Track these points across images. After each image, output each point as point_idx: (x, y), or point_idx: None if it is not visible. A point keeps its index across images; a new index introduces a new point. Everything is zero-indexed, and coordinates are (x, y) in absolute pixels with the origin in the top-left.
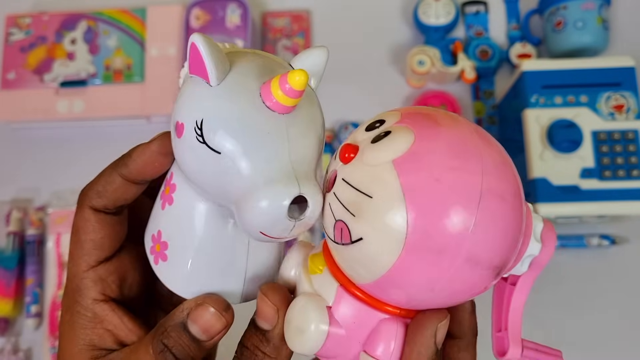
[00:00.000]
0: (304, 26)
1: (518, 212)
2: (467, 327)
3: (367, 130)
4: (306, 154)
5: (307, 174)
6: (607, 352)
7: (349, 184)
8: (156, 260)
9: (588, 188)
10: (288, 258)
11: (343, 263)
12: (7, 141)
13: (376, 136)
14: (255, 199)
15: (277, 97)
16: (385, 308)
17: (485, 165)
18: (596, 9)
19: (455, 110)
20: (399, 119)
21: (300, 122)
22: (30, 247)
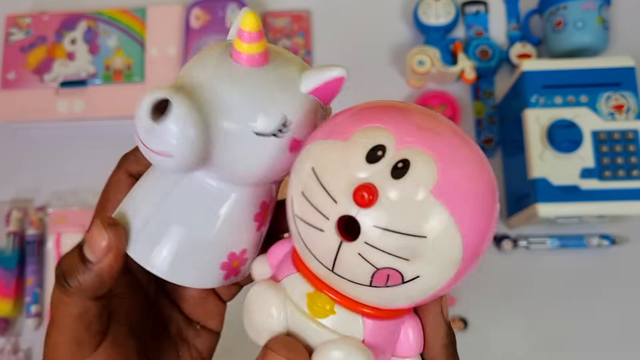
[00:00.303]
0: (304, 26)
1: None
2: (441, 346)
3: (371, 162)
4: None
5: (193, 91)
6: (608, 352)
7: (390, 229)
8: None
9: (588, 188)
10: (266, 305)
11: (372, 299)
12: (7, 141)
13: (394, 169)
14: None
15: (242, 49)
16: (403, 313)
17: (486, 168)
18: (596, 9)
19: (455, 110)
20: (396, 139)
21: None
22: (30, 247)
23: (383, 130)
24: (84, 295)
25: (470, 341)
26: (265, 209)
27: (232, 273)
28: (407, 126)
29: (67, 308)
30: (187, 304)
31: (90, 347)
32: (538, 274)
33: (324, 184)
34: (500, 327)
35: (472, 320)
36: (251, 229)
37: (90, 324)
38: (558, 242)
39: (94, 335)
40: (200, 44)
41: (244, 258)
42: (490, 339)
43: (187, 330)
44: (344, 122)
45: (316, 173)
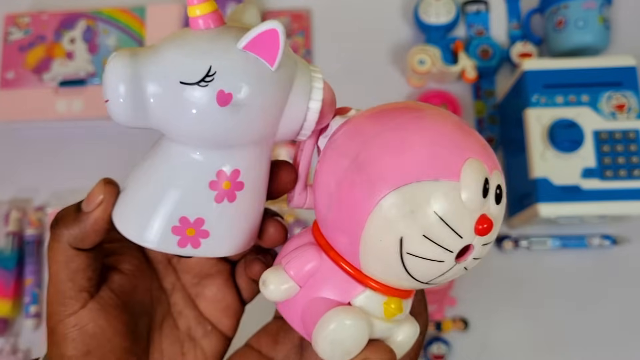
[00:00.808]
0: (304, 25)
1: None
2: (425, 321)
3: (484, 196)
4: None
5: (138, 51)
6: (608, 352)
7: (490, 241)
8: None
9: (589, 188)
10: (360, 332)
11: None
12: (6, 141)
13: (496, 196)
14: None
15: (195, 14)
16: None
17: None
18: (597, 8)
19: (455, 110)
20: (487, 167)
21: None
22: (29, 247)
23: (478, 163)
24: (70, 243)
25: (470, 341)
26: (225, 179)
27: (188, 242)
28: (484, 151)
29: (55, 255)
30: (205, 301)
31: (77, 302)
32: (539, 274)
33: (453, 227)
34: (501, 327)
35: (472, 320)
36: (206, 197)
37: (75, 275)
38: (559, 242)
39: (78, 290)
40: None
41: (201, 230)
42: (491, 339)
43: (197, 328)
44: (442, 156)
45: (442, 217)
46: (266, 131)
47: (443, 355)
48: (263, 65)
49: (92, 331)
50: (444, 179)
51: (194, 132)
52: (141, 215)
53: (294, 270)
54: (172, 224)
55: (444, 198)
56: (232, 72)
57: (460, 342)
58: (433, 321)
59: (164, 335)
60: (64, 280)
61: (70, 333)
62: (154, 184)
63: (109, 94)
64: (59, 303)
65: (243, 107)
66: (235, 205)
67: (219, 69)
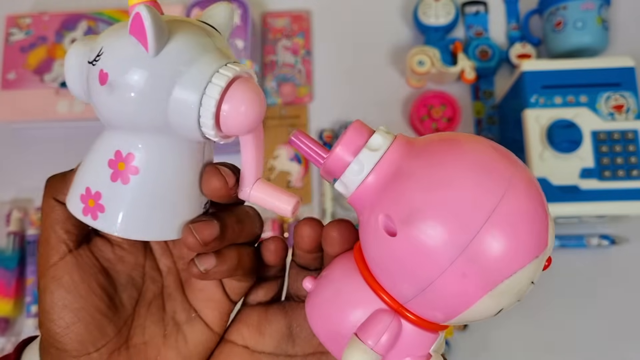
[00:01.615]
0: (304, 26)
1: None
2: None
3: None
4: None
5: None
6: (607, 352)
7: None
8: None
9: (588, 188)
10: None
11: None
12: (8, 141)
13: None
14: None
15: (132, 2)
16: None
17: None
18: (596, 9)
19: (455, 110)
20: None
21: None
22: (30, 247)
23: (549, 235)
24: (50, 195)
25: (470, 341)
26: (120, 160)
27: (89, 211)
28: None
29: (44, 208)
30: (190, 288)
31: (54, 254)
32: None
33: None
34: (500, 327)
35: None
36: (103, 172)
37: (55, 224)
38: (558, 242)
39: (57, 241)
40: None
41: (98, 202)
42: (490, 339)
43: (181, 314)
44: (537, 229)
45: (534, 282)
46: (149, 117)
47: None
48: (141, 50)
49: (67, 285)
50: (542, 254)
51: (94, 109)
52: (67, 180)
53: (382, 349)
54: (80, 192)
55: (538, 269)
56: (112, 53)
57: (459, 342)
58: None
59: (149, 313)
60: (47, 229)
61: (49, 285)
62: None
63: (65, 74)
64: (43, 255)
65: (116, 87)
66: (129, 188)
67: (105, 50)
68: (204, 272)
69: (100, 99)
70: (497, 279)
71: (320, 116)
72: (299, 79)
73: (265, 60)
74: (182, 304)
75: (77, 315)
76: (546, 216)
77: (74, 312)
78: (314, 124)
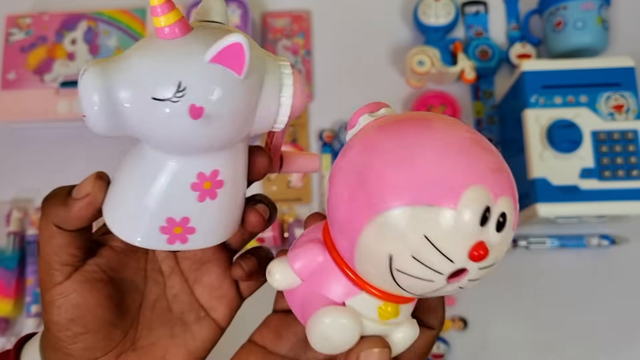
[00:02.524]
0: (304, 26)
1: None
2: (441, 318)
3: (483, 224)
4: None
5: (108, 62)
6: (607, 351)
7: (488, 265)
8: (174, 240)
9: (588, 188)
10: (348, 330)
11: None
12: (8, 141)
13: (498, 225)
14: None
15: (160, 24)
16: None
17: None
18: (596, 9)
19: (455, 110)
20: (491, 195)
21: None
22: (30, 247)
23: (480, 190)
24: (54, 222)
25: (470, 341)
26: (205, 180)
27: (177, 239)
28: (488, 175)
29: (42, 229)
30: (201, 287)
31: (61, 274)
32: (538, 274)
33: (443, 251)
34: (500, 327)
35: (472, 320)
36: (189, 198)
37: (59, 250)
38: (558, 242)
39: (61, 264)
40: None
41: (188, 227)
42: (490, 338)
43: (190, 314)
44: (443, 181)
45: (432, 241)
46: (240, 133)
47: (442, 355)
48: (231, 74)
49: (75, 301)
50: (439, 205)
51: (169, 142)
52: (130, 217)
53: (298, 265)
54: (159, 224)
55: (437, 224)
56: (202, 86)
57: (459, 342)
58: None
59: (155, 315)
60: (49, 254)
61: (56, 301)
62: (138, 188)
63: (85, 106)
64: (46, 273)
65: (215, 117)
66: (217, 202)
67: (189, 84)
68: (247, 273)
69: (192, 132)
70: (378, 209)
71: (320, 116)
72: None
73: None
74: (190, 304)
75: (86, 326)
76: (463, 176)
77: (82, 324)
78: (313, 124)
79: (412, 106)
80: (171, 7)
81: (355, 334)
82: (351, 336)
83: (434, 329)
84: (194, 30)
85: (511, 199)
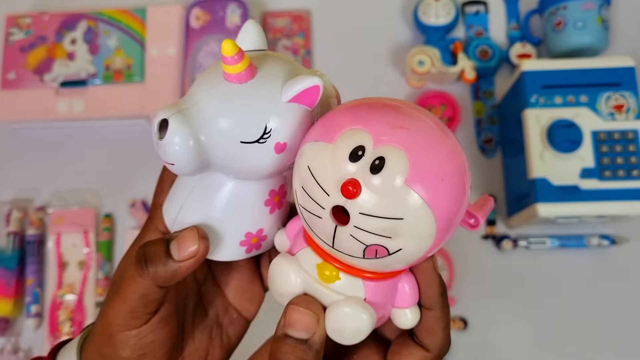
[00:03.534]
0: (304, 26)
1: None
2: (437, 295)
3: (354, 161)
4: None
5: (187, 110)
6: (607, 352)
7: (373, 215)
8: (250, 250)
9: (588, 188)
10: (285, 273)
11: (369, 266)
12: (7, 141)
13: (373, 166)
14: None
15: (230, 71)
16: (399, 273)
17: (456, 152)
18: (596, 9)
19: (455, 110)
20: (373, 139)
21: (255, 85)
22: (30, 247)
23: (362, 132)
24: (154, 282)
25: (470, 341)
26: (275, 195)
27: (253, 247)
28: (381, 126)
29: (137, 287)
30: (232, 290)
31: (142, 320)
32: (538, 274)
33: (319, 181)
34: (500, 327)
35: (472, 320)
36: (263, 212)
37: (149, 303)
38: (558, 242)
39: (148, 313)
40: (201, 44)
41: (262, 236)
42: (490, 339)
43: (224, 317)
44: (330, 124)
45: (312, 171)
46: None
47: None
48: (305, 109)
49: (150, 340)
50: (322, 140)
51: (254, 173)
52: (214, 239)
53: (288, 230)
54: (239, 240)
55: (316, 156)
56: (286, 126)
57: (459, 342)
58: None
59: (195, 324)
60: (135, 305)
61: (130, 341)
62: (218, 212)
63: (173, 155)
64: (124, 317)
65: (294, 147)
66: (283, 209)
67: (274, 126)
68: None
69: (275, 163)
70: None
71: None
72: None
73: None
74: (223, 307)
75: (155, 356)
76: (353, 122)
77: (152, 355)
78: None
79: None
80: (242, 56)
81: (290, 277)
82: (287, 279)
83: (428, 351)
84: (259, 72)
85: (405, 154)
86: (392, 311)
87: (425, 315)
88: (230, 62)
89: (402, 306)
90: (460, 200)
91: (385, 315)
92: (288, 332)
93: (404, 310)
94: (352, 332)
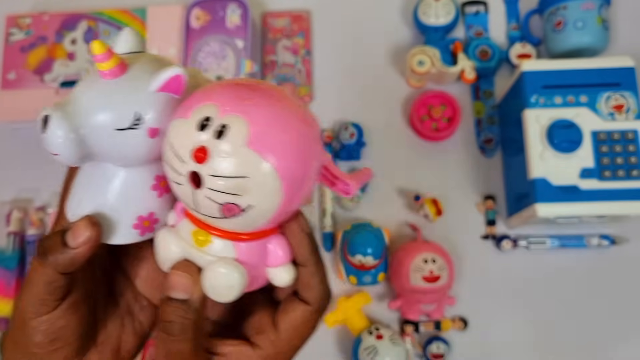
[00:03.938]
0: (304, 26)
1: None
2: (308, 253)
3: (201, 129)
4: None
5: (66, 105)
6: (606, 351)
7: (221, 176)
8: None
9: (588, 188)
10: (166, 244)
11: (234, 227)
12: (7, 141)
13: (217, 133)
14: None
15: (103, 68)
16: (265, 234)
17: (300, 119)
18: (596, 9)
19: (455, 110)
20: (219, 110)
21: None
22: (30, 247)
23: (210, 106)
24: (55, 269)
25: (470, 341)
26: (161, 180)
27: (146, 230)
28: (229, 99)
29: (40, 276)
30: (140, 281)
31: (50, 307)
32: (538, 274)
33: (175, 151)
34: (500, 327)
35: (472, 320)
36: (152, 196)
37: (55, 290)
38: (558, 242)
39: (55, 299)
40: (201, 43)
41: (153, 219)
42: (490, 339)
43: (134, 305)
44: (188, 103)
45: (171, 144)
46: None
47: (442, 355)
48: (173, 97)
49: (61, 324)
50: (180, 117)
51: (134, 158)
52: (108, 223)
53: (176, 208)
54: (132, 223)
55: (174, 130)
56: (155, 112)
57: (459, 342)
58: (433, 320)
59: (107, 313)
60: (41, 293)
61: (41, 326)
62: (110, 200)
63: (56, 147)
64: (32, 304)
65: (164, 132)
66: (171, 193)
67: (143, 112)
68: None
69: (150, 147)
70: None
71: (320, 116)
72: (299, 79)
73: (265, 60)
74: (133, 297)
75: (66, 341)
76: (206, 100)
77: (64, 340)
78: None
79: (412, 106)
80: (111, 55)
81: (171, 247)
82: (168, 249)
83: (308, 304)
84: (130, 68)
85: (246, 120)
86: (268, 271)
87: (301, 272)
88: (101, 60)
89: (274, 265)
90: (303, 161)
91: (261, 275)
92: (170, 294)
93: (277, 268)
94: (226, 289)
